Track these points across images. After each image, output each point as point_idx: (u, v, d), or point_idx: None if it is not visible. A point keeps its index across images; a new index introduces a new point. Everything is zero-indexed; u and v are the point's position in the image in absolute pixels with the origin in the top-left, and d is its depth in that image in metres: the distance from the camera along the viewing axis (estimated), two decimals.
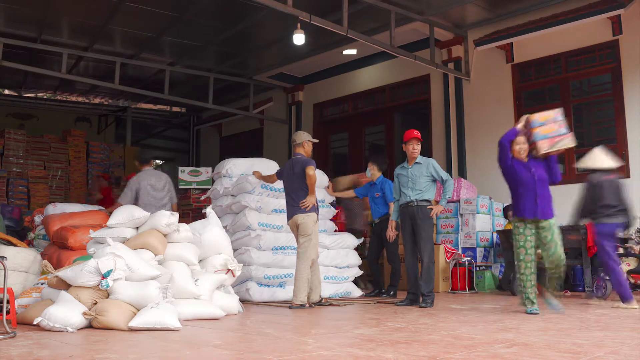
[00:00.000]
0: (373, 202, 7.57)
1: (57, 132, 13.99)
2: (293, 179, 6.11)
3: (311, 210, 6.02)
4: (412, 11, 9.08)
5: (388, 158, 10.18)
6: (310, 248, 5.96)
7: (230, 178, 7.28)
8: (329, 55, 11.17)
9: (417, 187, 6.02)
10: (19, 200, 12.31)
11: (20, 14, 9.39)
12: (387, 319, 4.75)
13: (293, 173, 6.12)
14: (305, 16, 7.65)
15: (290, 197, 6.12)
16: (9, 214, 9.22)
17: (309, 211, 6.00)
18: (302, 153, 6.25)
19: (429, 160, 6.14)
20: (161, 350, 3.30)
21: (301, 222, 5.98)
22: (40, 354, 3.08)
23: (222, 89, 13.03)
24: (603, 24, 8.44)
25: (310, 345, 3.31)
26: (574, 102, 8.98)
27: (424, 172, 6.05)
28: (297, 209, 6.01)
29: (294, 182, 6.09)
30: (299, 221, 5.99)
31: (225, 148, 15.06)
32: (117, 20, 9.54)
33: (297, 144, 6.28)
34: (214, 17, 9.47)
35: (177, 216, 5.06)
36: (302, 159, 6.19)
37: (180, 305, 4.50)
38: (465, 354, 2.97)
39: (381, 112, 11.67)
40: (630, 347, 3.23)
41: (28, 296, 4.78)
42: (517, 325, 4.26)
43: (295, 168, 6.12)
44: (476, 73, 9.87)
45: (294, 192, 6.09)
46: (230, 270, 5.38)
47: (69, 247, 5.64)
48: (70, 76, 11.02)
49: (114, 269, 4.22)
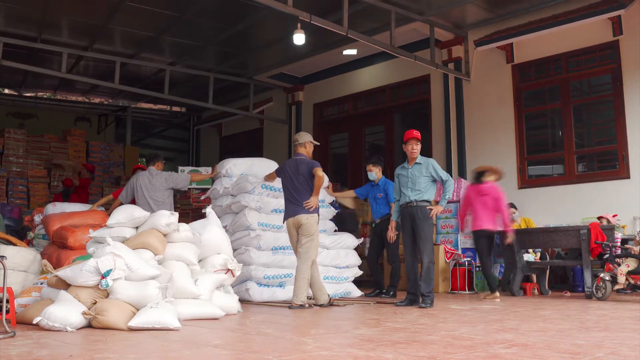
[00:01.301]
0: (375, 203, 7.58)
1: (57, 132, 13.98)
2: (298, 178, 6.09)
3: (314, 210, 6.02)
4: (412, 11, 9.08)
5: (388, 158, 10.20)
6: (312, 248, 5.96)
7: (230, 178, 7.29)
8: (329, 55, 11.16)
9: (417, 188, 6.02)
10: (19, 199, 12.29)
11: (20, 13, 9.38)
12: (386, 319, 4.75)
13: (298, 172, 6.10)
14: (306, 16, 7.64)
15: (293, 197, 6.10)
16: (9, 213, 9.22)
17: (312, 212, 6.00)
18: (304, 153, 6.26)
19: (429, 161, 6.14)
20: (161, 350, 3.30)
21: (305, 222, 5.97)
22: (40, 353, 3.07)
23: (222, 88, 13.03)
24: (603, 24, 8.44)
25: (309, 346, 3.30)
26: (574, 103, 8.98)
27: (424, 173, 6.05)
28: (301, 209, 6.00)
29: (299, 181, 6.08)
30: (303, 221, 5.97)
31: (225, 148, 15.06)
32: (117, 19, 9.53)
33: (300, 144, 6.28)
34: (214, 17, 9.47)
35: (176, 216, 5.07)
36: (308, 159, 6.19)
37: (180, 305, 4.50)
38: (465, 355, 2.97)
39: (381, 112, 11.67)
40: (629, 347, 3.23)
41: (27, 295, 4.78)
42: (516, 325, 4.26)
43: (300, 168, 6.11)
44: (476, 73, 9.87)
45: (297, 191, 6.07)
46: (230, 270, 5.38)
47: (69, 247, 5.64)
48: (70, 76, 11.02)
49: (114, 268, 4.22)
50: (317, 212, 6.06)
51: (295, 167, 6.15)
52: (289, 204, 6.16)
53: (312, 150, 6.39)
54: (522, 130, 9.29)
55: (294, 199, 6.07)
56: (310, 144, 6.34)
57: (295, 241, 6.11)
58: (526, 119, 9.36)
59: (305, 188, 6.04)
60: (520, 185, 9.14)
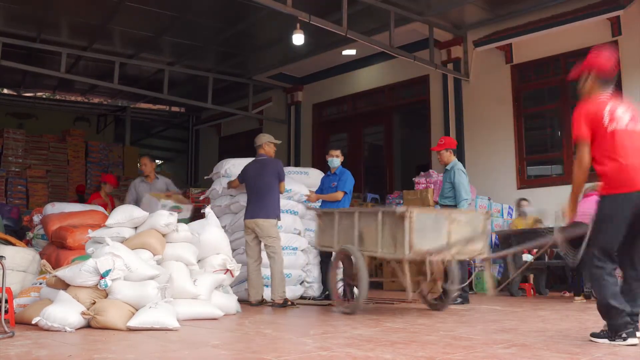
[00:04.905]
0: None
1: (56, 132, 13.97)
2: (263, 179, 6.20)
3: (273, 215, 6.10)
4: (411, 12, 9.08)
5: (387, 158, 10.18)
6: (278, 247, 6.09)
7: (229, 178, 7.28)
8: (329, 55, 11.16)
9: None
10: (18, 199, 12.28)
11: (20, 13, 9.38)
12: (386, 319, 4.75)
13: (263, 173, 6.23)
14: (305, 16, 7.64)
15: (255, 198, 6.20)
16: (8, 213, 9.20)
17: (271, 217, 6.08)
18: (265, 154, 6.45)
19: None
20: (160, 350, 3.30)
21: (261, 224, 6.06)
22: (39, 353, 3.07)
23: (221, 89, 13.02)
24: (602, 24, 8.44)
25: (308, 346, 3.31)
26: (573, 103, 8.97)
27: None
28: (261, 212, 6.09)
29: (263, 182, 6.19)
30: (260, 224, 6.07)
31: (224, 148, 15.05)
32: (117, 19, 9.53)
33: (258, 146, 6.51)
34: (213, 17, 9.47)
35: (175, 216, 5.06)
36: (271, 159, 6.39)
37: (179, 305, 4.50)
38: (464, 355, 2.98)
39: (380, 112, 11.67)
40: (629, 348, 3.24)
41: (26, 296, 4.78)
42: (515, 325, 4.27)
43: (266, 168, 6.25)
44: (475, 74, 9.87)
45: (259, 192, 6.19)
46: (229, 270, 5.38)
47: (68, 247, 5.63)
48: (69, 76, 11.01)
49: (113, 268, 4.22)
50: (276, 216, 6.14)
51: (260, 168, 6.28)
52: (249, 205, 6.25)
53: (274, 150, 6.53)
54: (521, 131, 9.30)
55: (256, 200, 6.18)
56: (270, 144, 6.48)
57: (251, 239, 6.17)
58: (525, 119, 9.37)
59: (269, 188, 6.15)
60: (519, 185, 9.15)
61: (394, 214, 4.82)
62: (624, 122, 3.41)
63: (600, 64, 3.60)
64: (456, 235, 4.92)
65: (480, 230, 5.09)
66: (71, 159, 13.69)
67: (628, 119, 3.43)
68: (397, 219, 4.79)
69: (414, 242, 4.70)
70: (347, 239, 5.40)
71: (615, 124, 3.39)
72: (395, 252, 4.85)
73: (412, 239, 4.69)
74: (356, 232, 5.26)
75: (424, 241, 4.76)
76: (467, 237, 4.94)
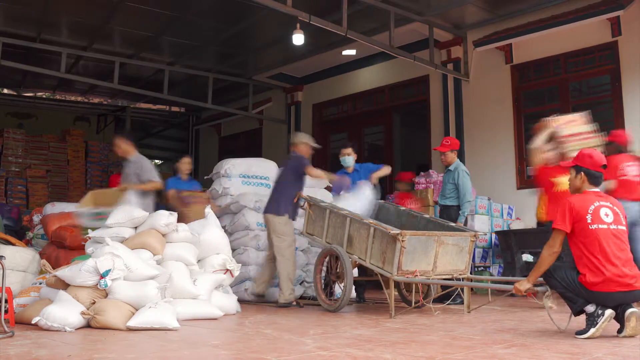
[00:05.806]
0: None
1: (56, 132, 13.97)
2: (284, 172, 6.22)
3: (283, 211, 6.04)
4: (411, 12, 9.07)
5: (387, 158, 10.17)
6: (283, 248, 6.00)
7: (229, 178, 7.29)
8: (329, 55, 11.16)
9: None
10: (18, 199, 12.30)
11: (20, 13, 9.37)
12: (385, 319, 4.75)
13: (285, 167, 6.24)
14: (305, 16, 7.64)
15: (273, 192, 6.22)
16: (8, 213, 9.22)
17: (281, 213, 6.03)
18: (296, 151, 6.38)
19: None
20: (159, 350, 3.30)
21: (270, 220, 6.04)
22: (39, 353, 3.07)
23: (221, 89, 13.02)
24: (602, 25, 8.44)
25: (308, 346, 3.31)
26: (573, 103, 8.97)
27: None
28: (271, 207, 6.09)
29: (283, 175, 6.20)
30: (269, 219, 6.06)
31: (224, 148, 15.04)
32: (117, 19, 9.52)
33: (292, 143, 6.44)
34: (213, 17, 9.46)
35: (175, 216, 5.07)
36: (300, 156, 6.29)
37: (179, 305, 4.50)
38: (464, 355, 2.98)
39: (380, 112, 11.67)
40: (628, 347, 3.24)
41: (26, 295, 4.78)
42: (515, 325, 4.27)
43: (289, 162, 6.24)
44: (475, 74, 9.87)
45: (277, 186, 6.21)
46: (229, 270, 5.39)
47: (68, 247, 5.64)
48: (69, 76, 11.00)
49: (113, 268, 4.22)
50: (287, 212, 6.05)
51: (284, 164, 6.32)
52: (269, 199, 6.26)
53: (308, 151, 6.41)
54: (521, 131, 9.29)
55: (271, 196, 6.20)
56: (303, 144, 6.35)
57: (266, 235, 6.20)
58: (525, 119, 9.36)
59: (285, 185, 6.12)
60: (519, 185, 9.14)
61: (387, 234, 4.91)
62: (607, 221, 3.66)
63: (592, 164, 3.82)
64: (443, 257, 5.09)
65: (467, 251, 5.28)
66: (71, 158, 13.70)
67: (612, 219, 3.68)
68: (389, 238, 4.91)
69: (403, 264, 4.85)
70: (336, 236, 5.51)
71: (597, 224, 3.64)
72: (383, 268, 5.00)
73: (402, 261, 4.84)
74: (346, 234, 5.34)
75: (412, 263, 4.92)
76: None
